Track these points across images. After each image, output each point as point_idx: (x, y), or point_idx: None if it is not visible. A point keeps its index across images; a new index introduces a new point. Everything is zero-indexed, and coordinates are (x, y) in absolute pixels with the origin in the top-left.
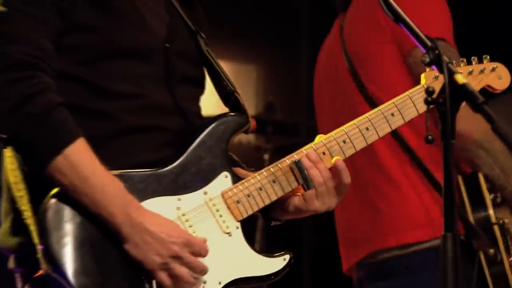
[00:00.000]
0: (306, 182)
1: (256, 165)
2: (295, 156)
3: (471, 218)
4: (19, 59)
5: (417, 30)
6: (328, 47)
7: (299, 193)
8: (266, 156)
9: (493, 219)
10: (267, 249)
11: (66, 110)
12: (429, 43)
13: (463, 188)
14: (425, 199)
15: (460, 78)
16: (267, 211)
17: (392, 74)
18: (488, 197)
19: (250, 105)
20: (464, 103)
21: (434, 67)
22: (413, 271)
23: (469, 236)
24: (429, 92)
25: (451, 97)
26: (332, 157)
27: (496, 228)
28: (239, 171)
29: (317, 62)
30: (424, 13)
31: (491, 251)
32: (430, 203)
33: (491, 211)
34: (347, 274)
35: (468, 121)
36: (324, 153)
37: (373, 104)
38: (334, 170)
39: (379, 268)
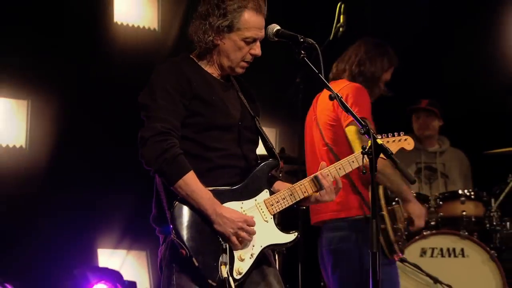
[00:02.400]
0: (320, 186)
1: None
2: (316, 173)
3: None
4: (162, 130)
5: (357, 116)
6: (311, 110)
7: (317, 193)
8: (280, 175)
9: (384, 206)
10: (282, 223)
11: (184, 157)
12: (363, 123)
13: (381, 192)
14: (358, 196)
15: (379, 141)
16: (298, 202)
17: (341, 137)
18: (381, 195)
19: None
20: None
21: (366, 135)
22: (350, 228)
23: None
24: (363, 148)
25: (375, 150)
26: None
27: (385, 210)
28: (280, 184)
29: (307, 115)
30: (359, 103)
31: (382, 226)
32: (360, 199)
33: (382, 201)
34: (313, 225)
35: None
36: (328, 175)
37: (332, 151)
38: (334, 181)
39: (334, 226)
